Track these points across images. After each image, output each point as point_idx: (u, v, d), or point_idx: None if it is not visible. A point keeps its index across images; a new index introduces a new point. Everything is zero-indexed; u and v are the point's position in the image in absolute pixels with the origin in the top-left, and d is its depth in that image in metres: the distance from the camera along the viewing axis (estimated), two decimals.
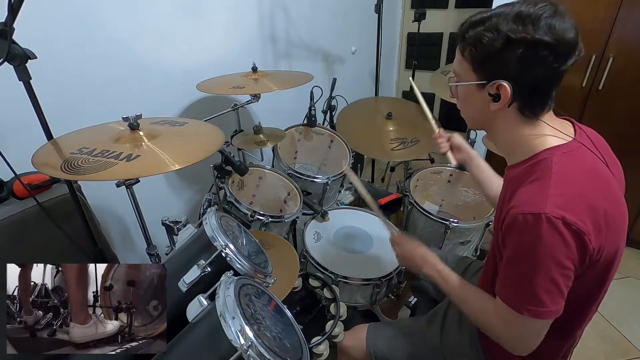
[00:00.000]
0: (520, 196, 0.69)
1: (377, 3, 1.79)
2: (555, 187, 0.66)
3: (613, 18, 1.75)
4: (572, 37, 0.64)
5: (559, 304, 0.67)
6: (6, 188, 0.95)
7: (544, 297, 0.66)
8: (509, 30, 0.64)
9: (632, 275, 2.00)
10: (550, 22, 0.62)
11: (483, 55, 0.69)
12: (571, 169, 0.69)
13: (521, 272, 0.68)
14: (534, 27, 0.63)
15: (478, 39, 0.68)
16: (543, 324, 0.70)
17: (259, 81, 1.46)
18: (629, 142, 1.85)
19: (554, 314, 0.68)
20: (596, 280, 0.74)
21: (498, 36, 0.65)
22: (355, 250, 1.41)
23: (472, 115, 0.81)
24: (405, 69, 3.35)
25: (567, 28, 0.63)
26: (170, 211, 1.32)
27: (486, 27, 0.67)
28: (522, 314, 0.69)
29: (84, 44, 1.18)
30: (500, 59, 0.67)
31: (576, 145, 0.72)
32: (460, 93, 0.79)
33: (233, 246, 0.75)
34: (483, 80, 0.71)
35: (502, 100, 0.70)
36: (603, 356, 1.61)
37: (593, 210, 0.65)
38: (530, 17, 0.63)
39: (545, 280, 0.65)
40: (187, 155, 0.87)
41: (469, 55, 0.71)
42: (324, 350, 0.94)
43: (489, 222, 1.50)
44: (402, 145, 1.68)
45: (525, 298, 0.68)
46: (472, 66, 0.72)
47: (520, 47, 0.64)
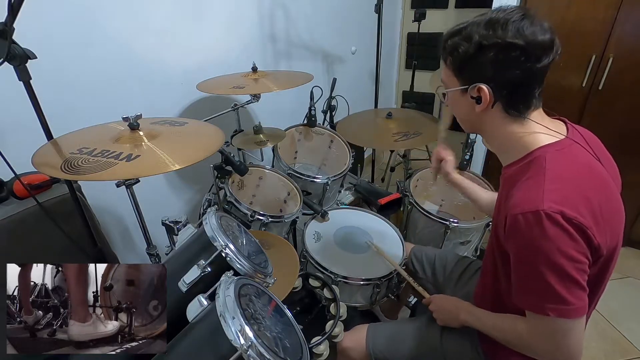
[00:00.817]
0: (516, 195, 0.70)
1: (377, 3, 1.79)
2: (550, 183, 0.67)
3: (613, 18, 1.75)
4: (542, 39, 0.67)
5: (582, 299, 0.67)
6: (6, 188, 0.95)
7: (564, 293, 0.66)
8: (481, 36, 0.69)
9: (632, 275, 2.00)
10: (519, 26, 0.66)
11: (460, 61, 0.74)
12: (565, 165, 0.70)
13: (533, 272, 0.68)
14: (503, 31, 0.67)
15: (455, 48, 0.73)
16: (575, 323, 0.69)
17: (259, 81, 1.46)
18: (629, 142, 1.85)
19: (581, 311, 0.67)
20: (594, 278, 0.74)
21: (471, 43, 0.70)
22: (355, 250, 1.41)
23: (462, 118, 0.85)
24: (405, 69, 3.36)
25: (535, 30, 0.67)
26: (170, 211, 1.32)
27: (462, 37, 0.72)
28: (547, 315, 0.68)
29: (84, 44, 1.18)
30: (476, 63, 0.71)
31: (569, 142, 0.73)
32: (449, 100, 0.83)
33: (233, 246, 0.75)
34: (465, 85, 0.76)
35: (483, 102, 0.74)
36: (603, 356, 1.61)
37: (589, 203, 0.66)
38: (499, 22, 0.68)
39: (560, 276, 0.65)
40: (187, 155, 0.87)
41: (450, 64, 0.77)
42: (324, 351, 0.94)
43: (489, 222, 1.50)
44: (404, 137, 1.67)
45: (543, 296, 0.68)
46: (453, 73, 0.77)
47: (492, 50, 0.68)
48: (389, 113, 1.78)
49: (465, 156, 1.69)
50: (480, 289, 0.99)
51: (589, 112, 1.97)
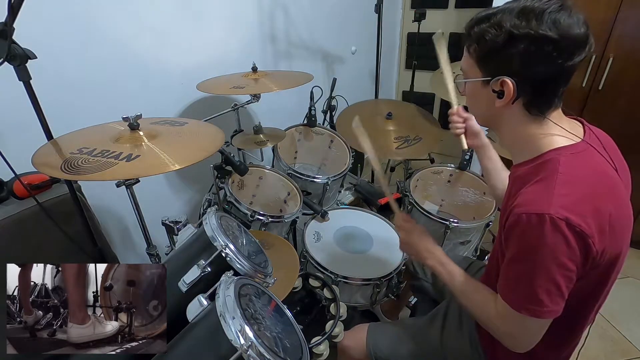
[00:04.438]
0: (525, 195, 0.69)
1: (377, 3, 1.79)
2: (561, 188, 0.65)
3: (613, 18, 1.75)
4: (578, 33, 0.63)
5: (558, 305, 0.67)
6: (6, 188, 0.95)
7: (543, 298, 0.66)
8: (512, 25, 0.63)
9: (632, 275, 2.00)
10: (555, 17, 0.62)
11: (486, 51, 0.69)
12: (578, 171, 0.68)
13: (522, 272, 0.68)
14: (537, 22, 0.62)
15: (482, 36, 0.67)
16: (541, 323, 0.71)
17: (259, 81, 1.46)
18: (629, 142, 1.83)
19: (553, 314, 0.68)
20: (598, 282, 0.73)
21: (501, 32, 0.65)
22: (355, 250, 1.41)
23: (480, 111, 0.81)
24: (405, 69, 3.35)
25: (572, 23, 0.62)
26: (170, 211, 1.32)
27: (490, 24, 0.66)
28: (520, 313, 0.69)
29: (84, 44, 1.18)
30: (504, 54, 0.66)
31: (584, 146, 0.71)
32: (468, 90, 0.79)
33: (233, 246, 0.75)
34: (487, 77, 0.71)
35: (505, 97, 0.69)
36: (603, 356, 1.61)
37: (598, 212, 0.65)
38: (534, 11, 0.62)
39: (546, 281, 0.65)
40: (187, 155, 0.87)
41: (474, 52, 0.71)
42: (324, 350, 0.94)
43: (489, 222, 1.50)
44: (405, 143, 1.67)
45: (524, 297, 0.68)
46: (477, 63, 0.72)
47: (523, 42, 0.63)
48: (389, 113, 1.78)
49: (465, 156, 1.69)
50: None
51: (588, 112, 1.97)
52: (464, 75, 0.78)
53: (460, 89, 0.81)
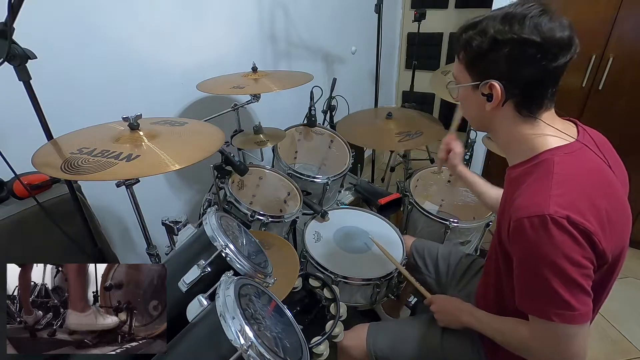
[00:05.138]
0: (522, 198, 0.69)
1: (377, 3, 1.79)
2: (557, 187, 0.66)
3: (613, 18, 1.75)
4: (560, 36, 0.65)
5: (586, 304, 0.66)
6: (6, 188, 0.95)
7: (568, 299, 0.64)
8: (496, 31, 0.67)
9: (632, 275, 2.00)
10: (537, 22, 0.64)
11: (474, 56, 0.72)
12: (573, 170, 0.69)
13: (538, 278, 0.66)
14: (520, 27, 0.65)
15: (469, 42, 0.71)
16: (579, 329, 0.67)
17: (259, 81, 1.46)
18: (629, 142, 1.85)
19: (586, 317, 0.66)
20: (598, 282, 0.73)
21: (486, 38, 0.68)
22: (355, 250, 1.41)
23: (472, 115, 0.83)
24: (405, 69, 3.36)
25: (554, 27, 0.65)
26: (170, 211, 1.32)
27: (476, 31, 0.70)
28: (552, 320, 0.67)
29: (84, 44, 1.18)
30: (490, 59, 0.69)
31: (578, 146, 0.72)
32: (460, 95, 0.82)
33: (233, 246, 0.75)
34: (476, 81, 0.74)
35: (494, 100, 0.72)
36: (603, 356, 1.61)
37: (596, 209, 0.65)
38: (516, 17, 0.65)
39: (566, 282, 0.64)
40: (187, 155, 0.87)
41: (463, 58, 0.75)
42: (324, 350, 0.94)
43: (489, 222, 1.50)
44: (407, 137, 1.66)
45: (547, 302, 0.67)
46: (466, 68, 0.75)
47: (507, 46, 0.66)
48: (389, 113, 1.78)
49: (465, 156, 1.69)
50: (482, 289, 0.98)
51: (588, 112, 1.97)
52: (455, 81, 0.81)
53: (454, 95, 0.84)
